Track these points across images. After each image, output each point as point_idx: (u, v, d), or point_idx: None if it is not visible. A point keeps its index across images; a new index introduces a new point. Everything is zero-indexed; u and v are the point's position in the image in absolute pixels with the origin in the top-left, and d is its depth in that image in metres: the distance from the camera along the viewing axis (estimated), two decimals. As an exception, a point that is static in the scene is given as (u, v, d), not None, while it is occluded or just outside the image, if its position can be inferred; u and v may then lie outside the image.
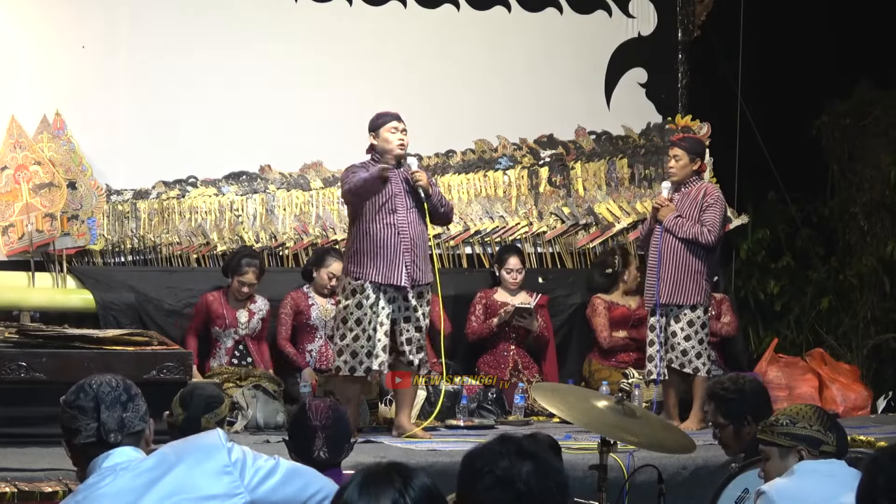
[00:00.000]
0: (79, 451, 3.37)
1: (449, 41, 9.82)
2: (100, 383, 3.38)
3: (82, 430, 3.34)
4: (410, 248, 7.37)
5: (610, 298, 9.32)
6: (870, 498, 3.15)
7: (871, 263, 10.79)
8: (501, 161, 9.83)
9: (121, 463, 3.30)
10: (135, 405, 3.39)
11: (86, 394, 3.36)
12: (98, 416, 3.33)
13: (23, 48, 8.87)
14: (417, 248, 7.40)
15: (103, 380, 3.40)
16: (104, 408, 3.34)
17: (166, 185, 9.15)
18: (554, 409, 5.01)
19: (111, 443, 3.32)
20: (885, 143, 10.83)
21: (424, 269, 7.45)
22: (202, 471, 3.27)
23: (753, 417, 5.19)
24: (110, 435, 3.33)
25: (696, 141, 8.59)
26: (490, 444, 2.95)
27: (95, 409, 3.34)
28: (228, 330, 8.45)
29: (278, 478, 3.36)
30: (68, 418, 3.36)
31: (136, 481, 3.25)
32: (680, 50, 10.29)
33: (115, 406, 3.35)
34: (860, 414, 9.13)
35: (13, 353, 6.99)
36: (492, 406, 8.53)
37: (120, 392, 3.38)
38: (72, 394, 3.39)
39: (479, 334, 9.06)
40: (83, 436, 3.34)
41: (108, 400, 3.35)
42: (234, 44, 9.28)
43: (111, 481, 3.27)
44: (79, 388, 3.39)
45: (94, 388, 3.37)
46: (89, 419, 3.34)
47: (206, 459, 3.28)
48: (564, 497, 2.91)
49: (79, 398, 3.36)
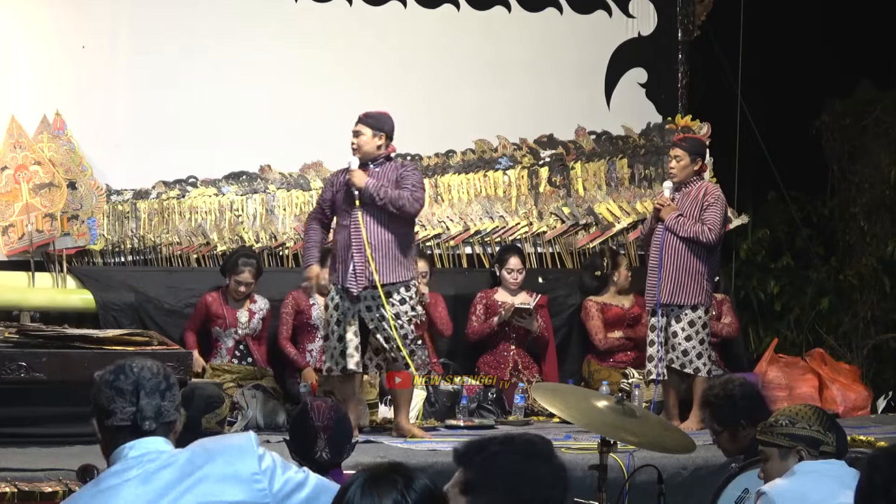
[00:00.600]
0: (109, 432, 3.26)
1: (449, 41, 9.82)
2: (141, 367, 3.28)
3: (118, 412, 3.24)
4: (361, 249, 7.36)
5: (602, 300, 9.31)
6: (867, 498, 3.15)
7: (871, 263, 10.80)
8: (501, 161, 9.83)
9: (148, 454, 3.21)
10: (172, 394, 3.29)
11: (126, 376, 3.26)
12: (136, 402, 3.24)
13: (23, 48, 8.87)
14: (373, 249, 7.35)
15: (145, 364, 3.30)
16: (143, 394, 3.24)
17: (166, 185, 9.15)
18: (554, 409, 5.01)
19: (144, 430, 3.23)
20: (885, 143, 10.84)
21: (386, 268, 7.40)
22: (230, 475, 3.19)
23: (748, 421, 5.19)
24: (145, 422, 3.23)
25: (696, 141, 8.58)
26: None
27: (134, 393, 3.24)
28: (229, 330, 8.45)
29: (307, 492, 3.28)
30: (105, 398, 3.25)
31: (161, 477, 3.18)
32: (680, 50, 10.29)
33: (154, 393, 3.26)
34: (860, 414, 9.13)
35: (13, 353, 6.98)
36: (492, 406, 8.53)
37: (160, 380, 3.28)
38: (111, 373, 3.28)
39: (480, 334, 9.06)
40: (117, 418, 3.24)
41: (147, 386, 3.26)
42: (235, 43, 9.28)
43: (136, 474, 3.19)
44: (119, 369, 3.28)
45: (135, 371, 3.27)
46: (126, 403, 3.24)
47: (236, 464, 3.21)
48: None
49: (118, 379, 3.26)
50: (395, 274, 7.41)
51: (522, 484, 3.01)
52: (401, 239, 7.46)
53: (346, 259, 7.41)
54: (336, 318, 7.47)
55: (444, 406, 8.33)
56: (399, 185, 7.40)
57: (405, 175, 7.46)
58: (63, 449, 6.67)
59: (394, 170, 7.47)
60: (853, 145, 11.04)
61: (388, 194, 7.34)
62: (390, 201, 7.33)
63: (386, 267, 7.38)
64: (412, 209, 7.42)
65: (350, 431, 4.67)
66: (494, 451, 3.05)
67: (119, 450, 3.24)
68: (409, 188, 7.39)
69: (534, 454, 3.07)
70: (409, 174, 7.46)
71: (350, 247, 7.39)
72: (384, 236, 7.40)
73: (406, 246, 7.48)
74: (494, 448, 3.05)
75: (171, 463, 3.21)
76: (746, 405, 5.29)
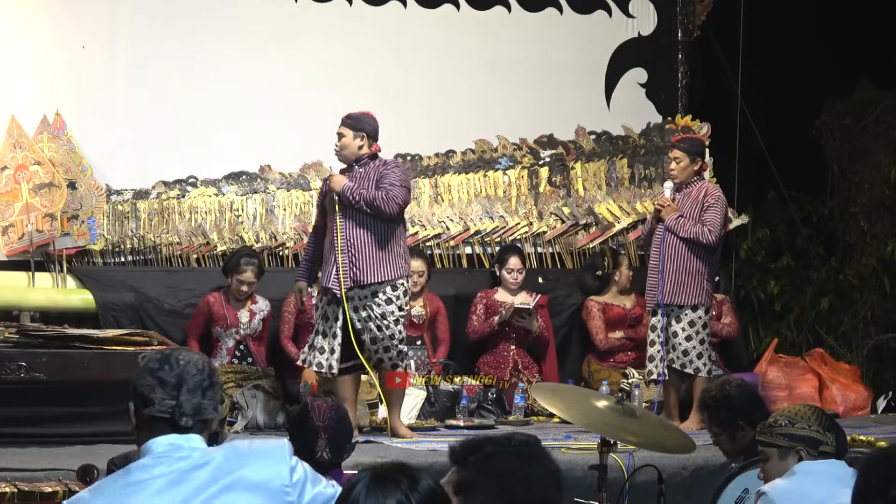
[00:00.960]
0: (145, 420, 3.21)
1: (449, 41, 9.82)
2: (187, 361, 3.23)
3: (156, 402, 3.19)
4: (347, 249, 7.35)
5: (604, 300, 9.31)
6: (864, 499, 3.16)
7: (871, 263, 10.80)
8: (501, 161, 9.83)
9: (181, 450, 3.17)
10: (213, 392, 3.24)
11: (171, 368, 3.21)
12: (177, 396, 3.19)
13: (23, 48, 8.87)
14: (355, 250, 7.37)
15: (191, 359, 3.25)
16: (185, 389, 3.20)
17: (166, 185, 9.15)
18: (554, 409, 5.01)
19: (181, 426, 3.19)
20: (885, 143, 10.84)
21: (369, 268, 7.39)
22: (260, 485, 3.13)
23: (746, 422, 5.19)
24: (183, 418, 3.18)
25: (695, 141, 8.57)
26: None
27: (176, 387, 3.19)
28: (230, 330, 8.45)
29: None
30: (146, 385, 3.20)
31: (194, 478, 3.13)
32: (680, 50, 10.29)
33: (196, 390, 3.21)
34: (860, 414, 9.13)
35: (13, 353, 6.99)
36: (492, 406, 8.53)
37: (204, 377, 3.23)
38: (155, 361, 3.24)
39: (481, 333, 9.06)
40: (156, 409, 3.19)
41: (191, 383, 3.21)
42: (235, 43, 9.28)
43: (167, 471, 3.14)
44: (164, 359, 3.24)
45: (180, 364, 3.23)
46: (167, 395, 3.19)
47: (267, 473, 3.14)
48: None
49: (162, 369, 3.21)
50: (379, 273, 7.39)
51: (515, 485, 3.01)
52: (385, 238, 7.41)
53: (330, 261, 7.42)
54: (320, 318, 7.51)
55: (444, 406, 8.33)
56: (378, 184, 7.40)
57: (384, 174, 7.42)
58: (63, 449, 6.68)
59: (375, 169, 7.46)
60: (853, 145, 11.04)
61: (364, 196, 7.31)
62: (365, 203, 7.31)
63: (369, 267, 7.36)
64: (387, 209, 7.34)
65: (350, 431, 4.68)
66: (489, 451, 3.05)
67: (152, 442, 3.19)
68: (386, 187, 7.35)
69: (528, 455, 3.07)
70: (389, 172, 7.42)
71: (333, 249, 7.40)
72: (366, 237, 7.37)
73: (391, 245, 7.43)
74: (489, 448, 3.05)
75: (206, 463, 3.16)
76: (744, 406, 5.29)
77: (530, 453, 3.07)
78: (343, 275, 7.33)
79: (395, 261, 7.44)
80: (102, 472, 5.04)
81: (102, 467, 5.03)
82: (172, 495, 3.11)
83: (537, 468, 3.04)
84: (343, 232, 7.35)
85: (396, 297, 7.43)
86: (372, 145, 7.51)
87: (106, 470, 4.99)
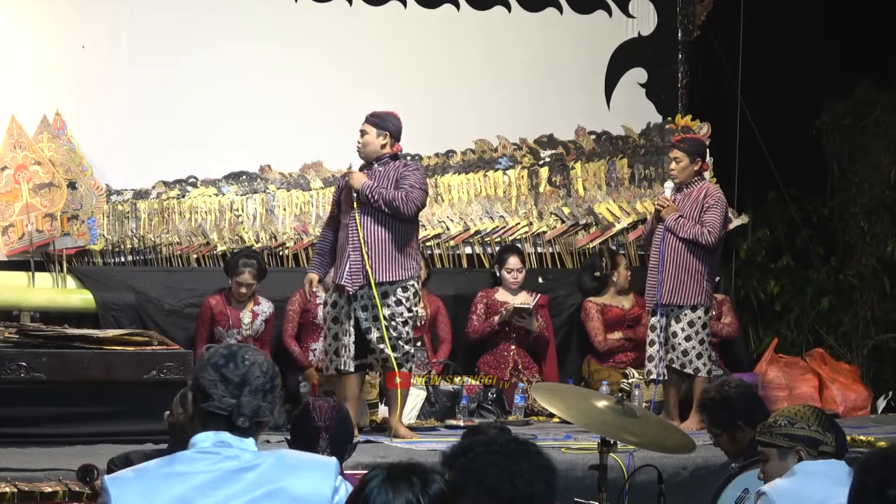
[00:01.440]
0: (201, 413, 3.21)
1: (449, 41, 9.81)
2: (252, 362, 3.22)
3: (216, 398, 3.18)
4: (357, 248, 7.36)
5: (602, 301, 9.31)
6: (860, 500, 3.16)
7: (871, 263, 10.80)
8: (501, 161, 9.83)
9: (230, 450, 3.16)
10: (273, 396, 3.23)
11: (236, 366, 3.20)
12: (239, 396, 3.18)
13: (23, 48, 8.87)
14: (369, 248, 7.37)
15: (256, 360, 3.24)
16: (248, 390, 3.19)
17: (166, 185, 9.15)
18: (554, 409, 5.01)
19: (237, 425, 3.18)
20: (885, 143, 10.84)
21: (382, 267, 7.40)
22: (299, 498, 3.12)
23: (745, 422, 5.19)
24: (241, 418, 3.18)
25: (695, 141, 8.57)
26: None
27: (239, 386, 3.19)
28: (231, 331, 8.45)
29: None
30: (208, 380, 3.20)
31: (240, 479, 3.13)
32: (680, 50, 10.29)
33: (257, 393, 3.20)
34: (860, 414, 9.13)
35: (13, 353, 6.99)
36: (492, 406, 8.53)
37: (266, 380, 3.22)
38: (221, 357, 3.23)
39: (481, 333, 9.06)
40: (213, 405, 3.18)
41: (254, 385, 3.20)
42: (235, 43, 9.28)
43: (207, 468, 3.14)
44: (231, 356, 3.23)
45: (246, 364, 3.22)
46: (228, 394, 3.18)
47: (310, 489, 3.12)
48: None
49: (227, 366, 3.20)
50: (391, 273, 7.41)
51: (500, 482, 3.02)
52: (399, 238, 7.44)
53: (344, 258, 7.42)
54: (333, 317, 7.50)
55: (444, 406, 8.33)
56: (398, 184, 7.41)
57: (405, 175, 7.46)
58: (63, 449, 6.68)
59: (395, 169, 7.48)
60: (853, 145, 11.04)
61: (383, 195, 7.34)
62: (384, 202, 7.34)
63: (382, 266, 7.38)
64: (406, 210, 7.38)
65: (351, 431, 4.67)
66: (475, 452, 3.07)
67: (199, 436, 3.19)
68: (406, 188, 7.39)
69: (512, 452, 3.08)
70: (409, 174, 7.46)
71: (347, 246, 7.40)
72: (382, 236, 7.40)
73: (405, 245, 7.46)
74: (476, 449, 3.07)
75: (253, 467, 3.16)
76: (743, 407, 5.29)
77: (515, 450, 3.08)
78: (358, 272, 7.34)
79: (408, 262, 7.47)
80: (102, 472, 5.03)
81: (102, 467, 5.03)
82: (213, 493, 3.11)
83: (522, 464, 3.05)
84: (359, 230, 7.36)
85: (406, 298, 7.46)
86: (394, 145, 7.54)
87: (106, 470, 4.99)
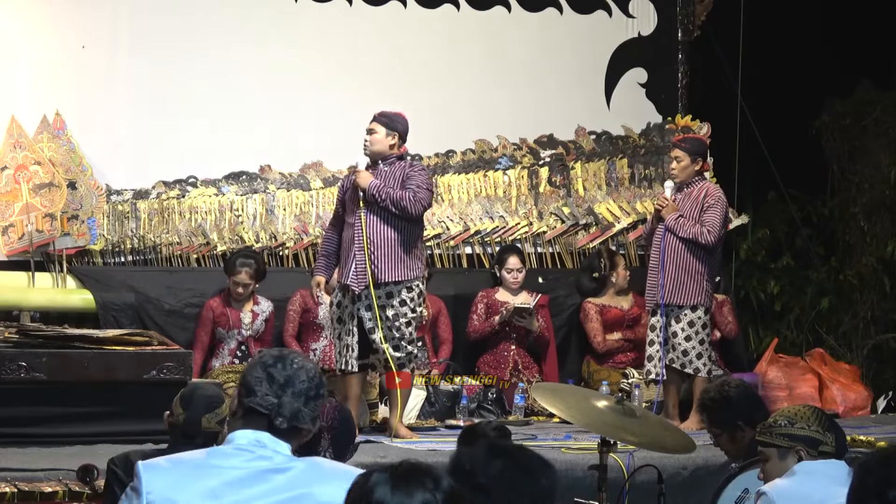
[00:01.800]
0: (243, 409, 3.26)
1: (449, 41, 9.82)
2: (300, 367, 3.27)
3: (259, 395, 3.24)
4: (363, 247, 7.37)
5: (601, 301, 9.30)
6: (860, 500, 3.16)
7: (871, 263, 10.80)
8: (501, 161, 9.83)
9: (263, 448, 3.20)
10: (315, 404, 3.28)
11: (283, 367, 3.26)
12: (280, 396, 3.23)
13: (23, 48, 8.87)
14: (375, 248, 7.38)
15: (304, 365, 3.29)
16: (290, 392, 3.24)
17: (166, 185, 9.15)
18: (554, 409, 5.01)
19: (276, 426, 3.23)
20: (885, 143, 10.84)
21: (387, 267, 7.40)
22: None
23: (745, 422, 5.19)
24: (279, 419, 3.23)
25: (696, 141, 8.56)
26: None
27: (283, 387, 3.24)
28: (232, 331, 8.45)
29: None
30: (254, 378, 3.26)
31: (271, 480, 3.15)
32: (680, 50, 10.29)
33: (299, 396, 3.24)
34: (860, 414, 9.13)
35: (13, 353, 6.99)
36: (492, 406, 8.52)
37: (311, 386, 3.26)
38: (271, 357, 3.29)
39: (481, 333, 9.06)
40: (255, 401, 3.24)
41: (297, 387, 3.25)
42: (235, 43, 9.28)
43: (239, 464, 3.16)
44: (280, 357, 3.29)
45: (293, 367, 3.27)
46: (271, 392, 3.24)
47: (337, 497, 3.04)
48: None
49: (275, 366, 3.26)
50: (396, 273, 7.41)
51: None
52: (405, 239, 7.45)
53: (349, 258, 7.43)
54: (337, 317, 7.52)
55: (444, 406, 8.33)
56: (404, 185, 7.42)
57: (411, 175, 7.47)
58: (63, 449, 6.68)
59: (401, 169, 7.49)
60: (853, 145, 11.04)
61: (390, 195, 7.35)
62: (392, 202, 7.35)
63: (387, 266, 7.38)
64: (413, 210, 7.40)
65: (354, 432, 4.66)
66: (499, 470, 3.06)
67: (238, 433, 3.23)
68: (413, 188, 7.40)
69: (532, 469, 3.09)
70: (416, 174, 7.47)
71: (353, 245, 7.41)
72: (387, 235, 7.40)
73: (411, 246, 7.48)
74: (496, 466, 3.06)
75: (285, 469, 3.19)
76: (743, 407, 5.29)
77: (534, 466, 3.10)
78: (363, 272, 7.34)
79: (413, 262, 7.49)
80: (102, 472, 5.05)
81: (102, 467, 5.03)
82: (242, 491, 3.13)
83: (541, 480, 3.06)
84: (364, 229, 7.36)
85: (410, 298, 7.47)
86: (401, 146, 7.55)
87: (106, 470, 4.99)
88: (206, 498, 3.11)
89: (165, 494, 3.11)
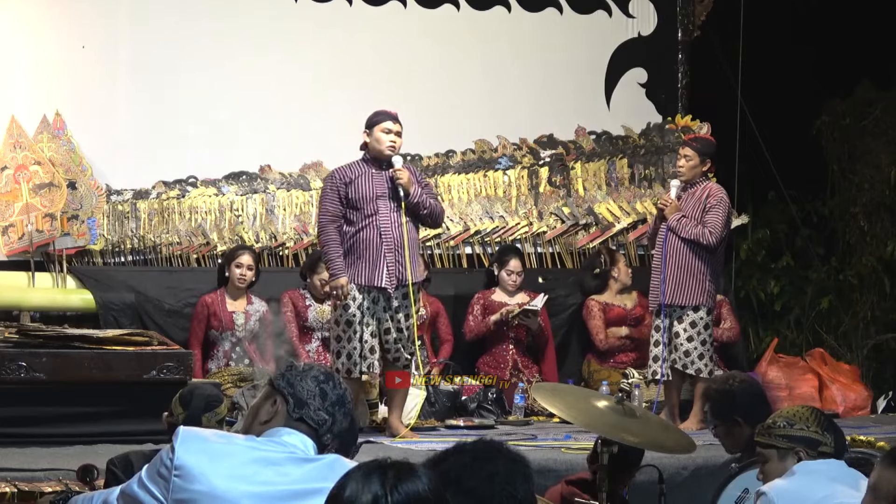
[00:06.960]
0: (288, 415, 3.31)
1: (449, 41, 9.82)
2: (345, 389, 3.37)
3: (312, 409, 3.29)
4: (393, 248, 7.35)
5: (604, 300, 9.30)
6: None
7: (871, 263, 10.80)
8: (501, 161, 9.83)
9: (294, 448, 3.24)
10: (352, 427, 3.44)
11: (335, 386, 3.34)
12: (334, 413, 3.31)
13: (22, 48, 8.87)
14: (401, 248, 7.36)
15: (346, 388, 3.38)
16: (342, 411, 3.33)
17: (166, 185, 9.16)
18: (554, 409, 5.01)
19: (322, 441, 3.29)
20: (885, 143, 10.84)
21: (412, 268, 7.41)
22: None
23: (744, 419, 5.18)
24: (328, 435, 3.31)
25: (707, 142, 8.53)
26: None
27: (335, 405, 3.31)
28: (225, 332, 8.44)
29: None
30: (307, 391, 3.31)
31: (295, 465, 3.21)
32: (680, 50, 10.29)
33: (347, 417, 3.34)
34: (860, 414, 9.13)
35: (13, 353, 6.99)
36: (492, 406, 8.53)
37: (349, 409, 3.38)
38: (322, 373, 3.35)
39: (477, 333, 9.06)
40: (308, 414, 3.29)
41: (346, 408, 3.35)
42: (234, 44, 9.29)
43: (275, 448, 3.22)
44: (329, 376, 3.37)
45: (342, 387, 3.36)
46: (324, 410, 3.30)
47: None
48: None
49: (328, 383, 3.33)
50: (420, 273, 7.57)
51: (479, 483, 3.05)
52: (417, 241, 7.61)
53: (377, 258, 7.36)
54: (358, 318, 7.38)
55: (444, 406, 8.32)
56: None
57: (427, 185, 7.62)
58: (63, 449, 6.68)
59: (413, 174, 7.55)
60: (853, 145, 11.04)
61: (431, 204, 7.44)
62: (428, 208, 7.42)
63: (416, 266, 7.49)
64: (441, 220, 7.73)
65: (356, 432, 4.67)
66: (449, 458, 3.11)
67: (288, 431, 3.28)
68: (434, 196, 7.61)
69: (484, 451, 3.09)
70: (429, 182, 7.65)
71: (382, 245, 7.37)
72: (413, 236, 7.51)
73: (419, 248, 7.66)
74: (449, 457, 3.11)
75: (313, 460, 3.25)
76: (744, 402, 5.28)
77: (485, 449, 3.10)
78: (403, 271, 7.35)
79: (421, 264, 7.65)
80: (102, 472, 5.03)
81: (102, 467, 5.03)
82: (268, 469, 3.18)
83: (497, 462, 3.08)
84: (406, 229, 7.37)
85: (417, 298, 7.57)
86: None
87: (106, 470, 4.99)
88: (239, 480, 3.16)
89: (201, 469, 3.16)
